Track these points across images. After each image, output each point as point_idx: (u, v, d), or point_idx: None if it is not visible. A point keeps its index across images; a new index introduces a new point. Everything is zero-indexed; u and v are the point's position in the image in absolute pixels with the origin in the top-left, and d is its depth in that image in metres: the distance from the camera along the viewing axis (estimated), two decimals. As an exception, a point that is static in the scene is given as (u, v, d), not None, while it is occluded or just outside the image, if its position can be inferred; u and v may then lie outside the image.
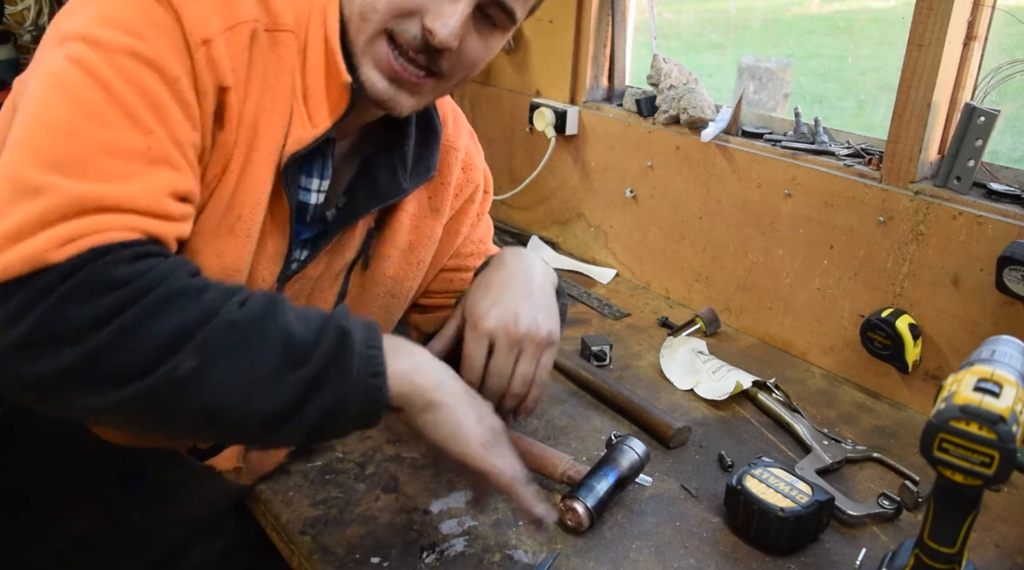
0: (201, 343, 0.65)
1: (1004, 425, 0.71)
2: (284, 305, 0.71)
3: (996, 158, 1.27)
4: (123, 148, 0.68)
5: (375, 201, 0.94)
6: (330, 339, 0.70)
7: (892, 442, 1.23)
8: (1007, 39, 1.25)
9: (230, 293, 0.69)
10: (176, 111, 0.72)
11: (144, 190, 0.68)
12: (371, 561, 0.92)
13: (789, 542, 0.97)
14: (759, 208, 1.49)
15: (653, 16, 1.72)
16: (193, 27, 0.73)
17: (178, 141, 0.73)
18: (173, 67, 0.72)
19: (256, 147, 0.81)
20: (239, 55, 0.77)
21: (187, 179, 0.73)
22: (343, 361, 0.70)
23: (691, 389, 1.33)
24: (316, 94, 0.84)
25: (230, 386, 0.66)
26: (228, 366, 0.66)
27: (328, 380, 0.69)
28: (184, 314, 0.65)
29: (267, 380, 0.67)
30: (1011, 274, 1.13)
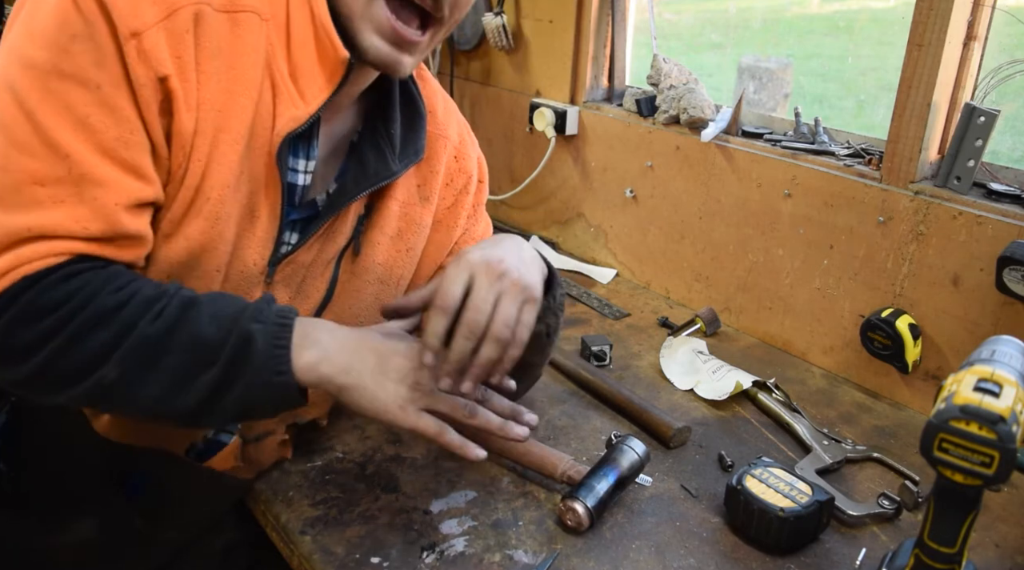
0: (120, 357, 0.74)
1: (1004, 425, 0.71)
2: (198, 310, 0.77)
3: (996, 158, 1.27)
4: (48, 175, 0.73)
5: (365, 184, 0.94)
6: (234, 343, 0.76)
7: (892, 442, 1.23)
8: (1007, 39, 1.25)
9: (148, 305, 0.76)
10: (104, 119, 0.74)
11: (70, 215, 0.74)
12: (371, 561, 0.92)
13: (789, 542, 0.97)
14: (759, 208, 1.49)
15: (653, 16, 1.72)
16: (122, 20, 0.73)
17: (111, 150, 0.75)
18: (94, 75, 0.73)
19: (223, 129, 0.82)
20: (180, 41, 0.77)
21: (120, 190, 0.76)
22: (246, 363, 0.77)
23: (691, 389, 1.33)
24: (307, 71, 0.84)
25: (149, 391, 0.76)
26: (144, 375, 0.75)
27: (235, 380, 0.77)
28: (105, 333, 0.73)
29: (179, 384, 0.76)
30: (1011, 274, 1.13)
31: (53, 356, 0.73)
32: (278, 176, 0.86)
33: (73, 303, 0.73)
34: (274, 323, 0.79)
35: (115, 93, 0.75)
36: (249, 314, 0.78)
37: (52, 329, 0.72)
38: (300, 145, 0.90)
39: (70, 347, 0.73)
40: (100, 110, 0.74)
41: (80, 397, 0.76)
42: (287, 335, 0.79)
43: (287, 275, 0.94)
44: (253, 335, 0.77)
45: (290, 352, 0.79)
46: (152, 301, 0.76)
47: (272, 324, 0.79)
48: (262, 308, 0.80)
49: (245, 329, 0.77)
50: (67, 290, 0.73)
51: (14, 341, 0.72)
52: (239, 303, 0.80)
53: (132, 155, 0.77)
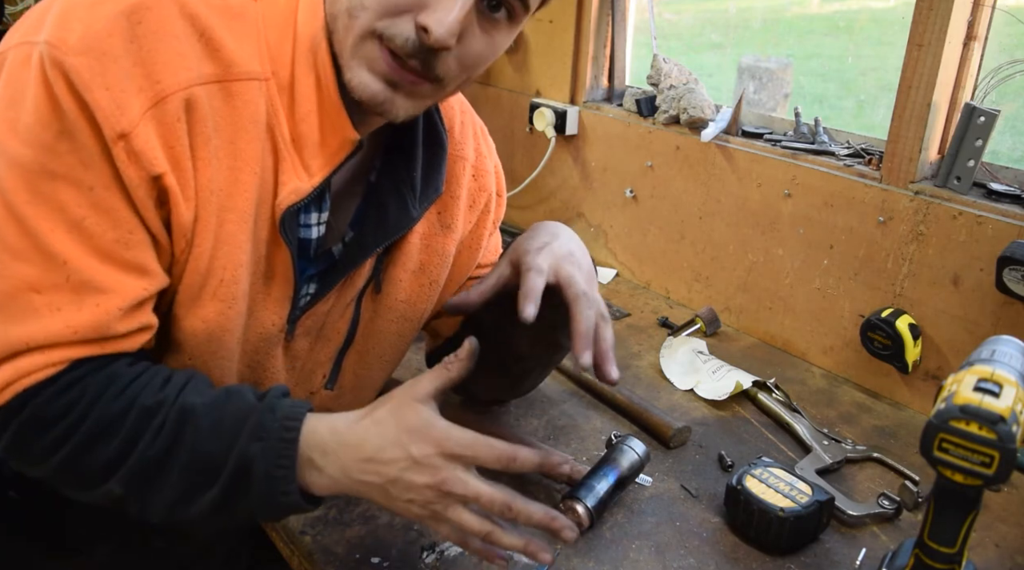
0: (124, 477, 0.73)
1: (1004, 425, 0.71)
2: (195, 421, 0.74)
3: (996, 158, 1.27)
4: (44, 283, 0.70)
5: (384, 236, 0.89)
6: (233, 466, 0.73)
7: (892, 442, 1.23)
8: (1007, 39, 1.25)
9: (147, 418, 0.73)
10: (100, 221, 0.70)
11: (69, 324, 0.71)
12: (371, 561, 0.92)
13: (789, 542, 0.97)
14: (759, 208, 1.49)
15: (653, 16, 1.73)
16: (107, 121, 0.68)
17: (110, 252, 0.71)
18: (85, 177, 0.69)
19: (228, 209, 0.77)
20: (171, 132, 0.71)
21: (123, 292, 0.73)
22: (246, 488, 0.74)
23: (691, 389, 1.33)
24: (311, 141, 0.79)
25: (154, 506, 0.75)
26: (149, 493, 0.74)
27: (238, 500, 0.75)
28: (107, 450, 0.72)
29: (183, 501, 0.75)
30: (1011, 274, 1.13)
31: (64, 465, 0.72)
32: (285, 243, 0.81)
33: (74, 414, 0.71)
34: (277, 439, 0.74)
35: (108, 194, 0.70)
36: (250, 430, 0.74)
37: (59, 439, 0.72)
38: (311, 204, 0.84)
39: (79, 458, 0.72)
40: (95, 212, 0.70)
41: (97, 499, 0.76)
42: (290, 453, 0.74)
43: (307, 327, 0.91)
44: (252, 459, 0.73)
45: (294, 472, 0.74)
46: (152, 412, 0.73)
47: (274, 440, 0.73)
48: (264, 420, 0.74)
49: (244, 452, 0.73)
50: (68, 400, 0.71)
51: (27, 450, 0.73)
52: (241, 410, 0.75)
53: (133, 255, 0.73)
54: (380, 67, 0.74)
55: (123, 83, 0.68)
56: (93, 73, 0.67)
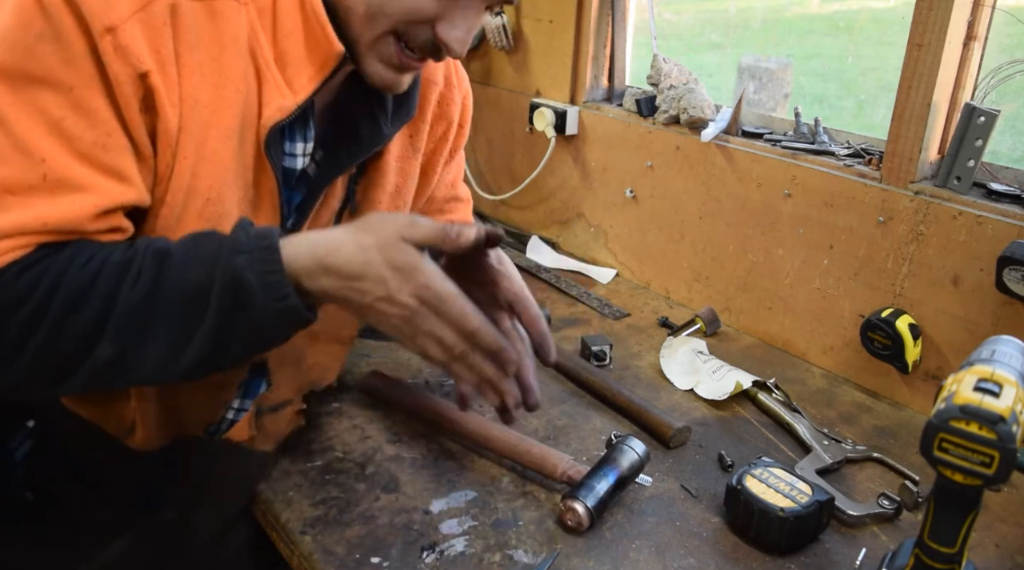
0: (112, 332, 0.70)
1: (1004, 425, 0.71)
2: (171, 259, 0.72)
3: (996, 158, 1.27)
4: (18, 183, 0.69)
5: (358, 153, 0.91)
6: (221, 282, 0.71)
7: (892, 442, 1.23)
8: (1007, 39, 1.25)
9: (123, 269, 0.71)
10: (79, 122, 0.71)
11: (39, 217, 0.70)
12: (371, 561, 0.92)
13: (789, 542, 0.97)
14: (759, 208, 1.49)
15: (653, 16, 1.72)
16: (93, 15, 0.69)
17: (88, 154, 0.71)
18: (66, 77, 0.70)
19: (212, 126, 0.78)
20: (158, 34, 0.73)
21: (100, 194, 0.72)
22: (241, 301, 0.72)
23: (691, 389, 1.33)
24: (295, 58, 0.80)
25: (149, 358, 0.72)
26: (140, 343, 0.71)
27: (235, 321, 0.72)
28: (87, 310, 0.70)
29: (179, 341, 0.72)
30: (1011, 274, 1.13)
31: (40, 348, 0.69)
32: (270, 165, 0.83)
33: (41, 289, 0.69)
34: (258, 248, 0.73)
35: (89, 94, 0.71)
36: (228, 247, 0.73)
37: (29, 321, 0.69)
38: (296, 128, 0.86)
39: (55, 334, 0.69)
40: (74, 113, 0.71)
41: (81, 383, 0.73)
42: (275, 258, 0.73)
43: None
44: (240, 271, 0.71)
45: (284, 277, 0.73)
46: (125, 265, 0.72)
47: (256, 251, 0.73)
48: (239, 237, 0.74)
49: (229, 265, 0.71)
50: (32, 276, 0.69)
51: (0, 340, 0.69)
52: (215, 238, 0.75)
53: (112, 158, 0.73)
54: (394, 61, 0.80)
55: None
56: None
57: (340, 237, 0.76)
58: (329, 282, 0.74)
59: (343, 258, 0.74)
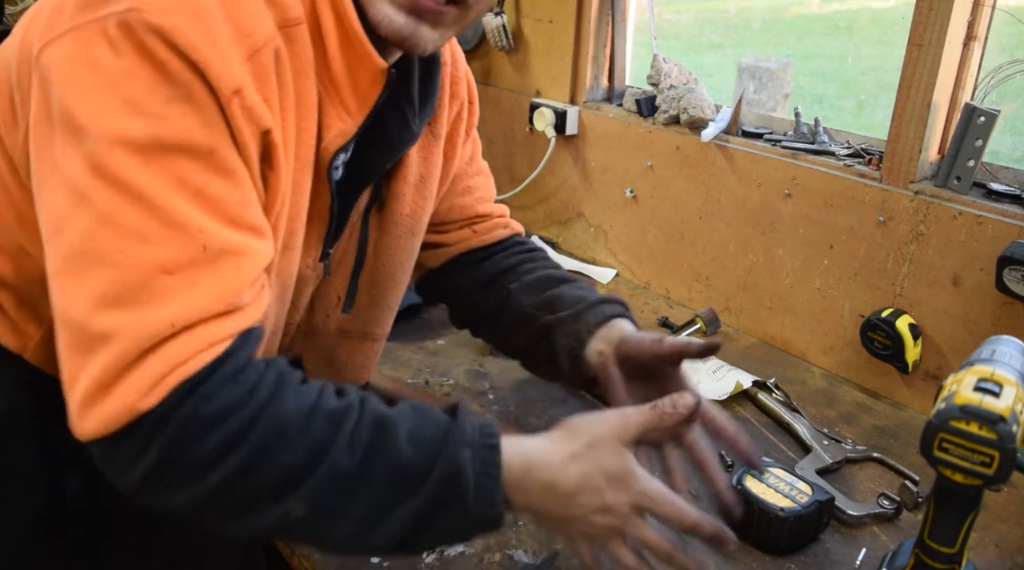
0: (310, 492, 0.64)
1: (1004, 425, 0.71)
2: (395, 431, 0.68)
3: (996, 158, 1.27)
4: (178, 260, 0.63)
5: (390, 154, 0.88)
6: (441, 473, 0.67)
7: (892, 442, 1.23)
8: (1007, 39, 1.25)
9: (337, 423, 0.66)
10: (222, 185, 0.66)
11: (212, 294, 0.64)
12: (371, 561, 0.92)
13: (789, 542, 0.97)
14: (759, 208, 1.49)
15: (653, 16, 1.72)
16: (221, 78, 0.64)
17: (235, 217, 0.67)
18: (205, 139, 0.65)
19: (298, 157, 0.76)
20: (266, 84, 0.69)
21: (254, 255, 0.68)
22: (454, 497, 0.67)
23: (691, 389, 1.33)
24: (346, 78, 0.77)
25: (339, 529, 0.67)
26: (336, 512, 0.66)
27: (440, 513, 0.67)
28: (291, 457, 0.64)
29: (375, 519, 0.67)
30: (1011, 274, 1.13)
31: (233, 473, 0.62)
32: (328, 185, 0.81)
33: (247, 410, 0.63)
34: (482, 446, 0.69)
35: (229, 154, 0.66)
36: (456, 437, 0.68)
37: (223, 446, 0.62)
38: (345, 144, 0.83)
39: (253, 464, 0.63)
40: (217, 175, 0.65)
41: (258, 528, 0.67)
42: (496, 461, 0.69)
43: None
44: (463, 466, 0.67)
45: (501, 483, 0.69)
46: (339, 418, 0.66)
47: (480, 448, 0.69)
48: (465, 428, 0.69)
49: (454, 458, 0.67)
50: (234, 394, 0.63)
51: (184, 459, 0.62)
52: (437, 418, 0.70)
53: (254, 215, 0.69)
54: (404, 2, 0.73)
55: (224, 38, 0.65)
56: (196, 31, 0.63)
57: (546, 446, 0.73)
58: (540, 498, 0.71)
59: (557, 473, 0.71)
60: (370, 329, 1.02)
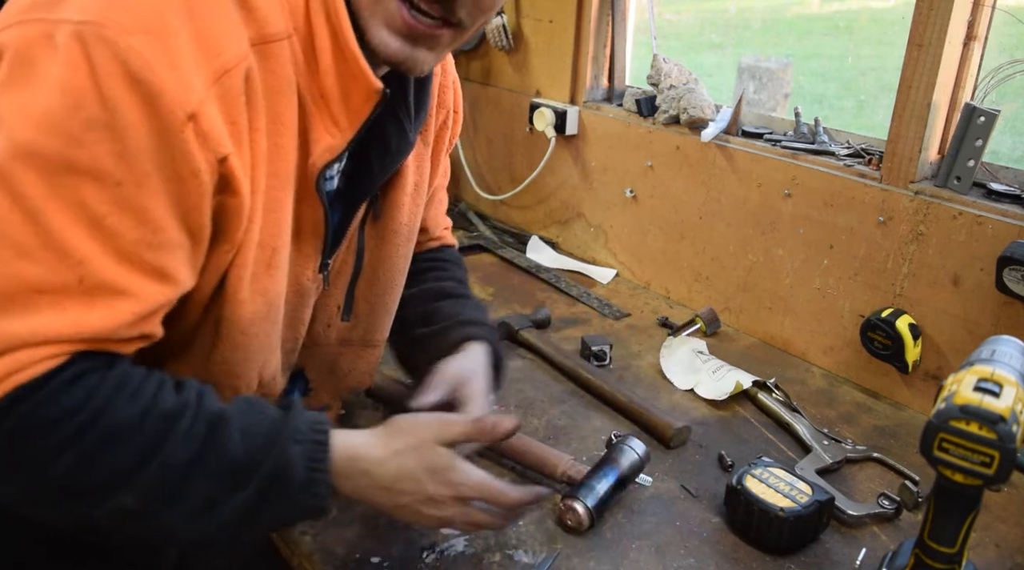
0: (141, 486, 0.67)
1: (1004, 425, 0.71)
2: (228, 427, 0.71)
3: (996, 158, 1.27)
4: (51, 283, 0.63)
5: (390, 163, 0.89)
6: (270, 468, 0.71)
7: (892, 442, 1.23)
8: (1007, 39, 1.25)
9: (171, 422, 0.68)
10: (123, 220, 0.64)
11: (75, 324, 0.64)
12: (371, 561, 0.92)
13: (789, 542, 0.97)
14: (759, 208, 1.49)
15: (653, 16, 1.73)
16: (175, 103, 0.62)
17: (131, 254, 0.65)
18: (114, 171, 0.62)
19: (272, 175, 0.75)
20: (234, 107, 0.67)
21: (140, 299, 0.66)
22: (281, 490, 0.72)
23: (691, 389, 1.33)
24: (337, 94, 0.76)
25: (171, 520, 0.69)
26: (167, 504, 0.68)
27: (267, 504, 0.72)
28: (124, 457, 0.66)
29: (205, 509, 0.70)
30: (1011, 274, 1.13)
31: (69, 472, 0.64)
32: (318, 199, 0.81)
33: (84, 414, 0.64)
34: (312, 442, 0.74)
35: (140, 192, 0.64)
36: (287, 432, 0.73)
37: (65, 442, 0.63)
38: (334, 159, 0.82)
39: (87, 463, 0.64)
40: (118, 209, 0.63)
41: (92, 520, 0.69)
42: (325, 456, 0.74)
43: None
44: (291, 460, 0.72)
45: (329, 476, 0.74)
46: (174, 417, 0.68)
47: (310, 443, 0.74)
48: (298, 424, 0.74)
49: (284, 452, 0.71)
50: (76, 398, 0.64)
51: (23, 455, 0.64)
52: (270, 415, 0.74)
53: (156, 257, 0.67)
54: (398, 23, 0.73)
55: (186, 60, 0.63)
56: (155, 53, 0.61)
57: (371, 441, 0.79)
58: (363, 483, 0.78)
59: (380, 466, 0.78)
60: (370, 336, 1.02)
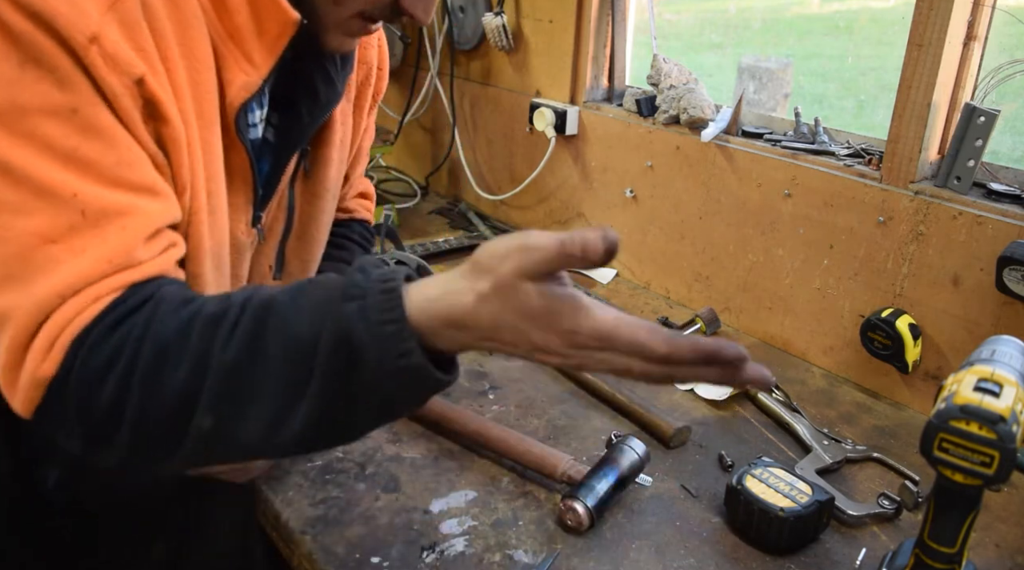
0: (208, 402, 0.61)
1: (1004, 425, 0.71)
2: (273, 311, 0.62)
3: (996, 158, 1.27)
4: (58, 228, 0.61)
5: (319, 112, 0.88)
6: (328, 337, 0.59)
7: (892, 442, 1.23)
8: (1007, 39, 1.25)
9: (215, 324, 0.62)
10: (93, 146, 0.63)
11: (99, 258, 0.62)
12: (371, 561, 0.92)
13: (789, 542, 0.97)
14: (759, 208, 1.49)
15: (653, 16, 1.72)
16: (73, 27, 0.61)
17: (115, 177, 0.64)
18: (64, 100, 0.62)
19: (199, 115, 0.73)
20: (138, 30, 0.65)
21: (143, 214, 0.65)
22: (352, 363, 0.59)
23: (691, 389, 1.33)
24: (249, 32, 0.74)
25: (251, 430, 0.62)
26: (241, 414, 0.61)
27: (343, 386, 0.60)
28: (177, 372, 0.61)
29: (282, 411, 0.61)
30: (1011, 274, 1.13)
31: (136, 411, 0.61)
32: (241, 143, 0.79)
33: (128, 348, 0.61)
34: (376, 292, 0.59)
35: (95, 111, 0.63)
36: (340, 292, 0.60)
37: (120, 382, 0.61)
38: (252, 98, 0.79)
39: (147, 395, 0.61)
40: (86, 137, 0.63)
41: (192, 457, 0.64)
42: (397, 304, 0.59)
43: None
44: (349, 320, 0.58)
45: (407, 325, 0.58)
46: (218, 319, 0.62)
47: (375, 294, 0.59)
48: (355, 280, 0.61)
49: (339, 314, 0.59)
50: (117, 341, 0.61)
51: (94, 414, 0.61)
52: (328, 283, 0.63)
53: (140, 174, 0.66)
54: (353, 30, 0.79)
55: None
56: None
57: (456, 286, 0.60)
58: (464, 336, 0.60)
59: (467, 313, 0.59)
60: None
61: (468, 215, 2.07)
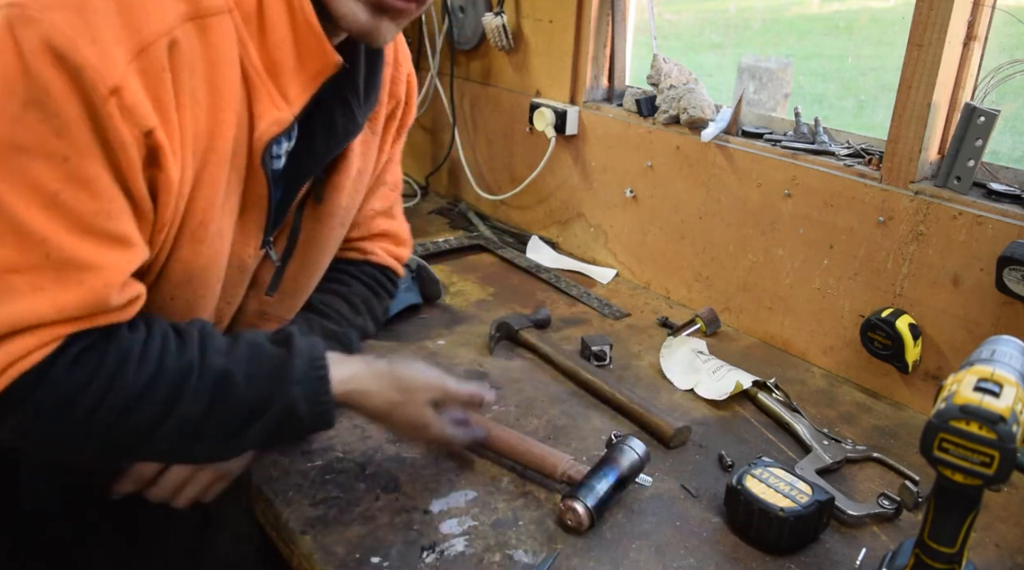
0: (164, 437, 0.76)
1: (1004, 425, 0.71)
2: (231, 380, 0.78)
3: (996, 158, 1.27)
4: (23, 263, 0.66)
5: (335, 145, 0.89)
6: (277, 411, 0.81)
7: (892, 442, 1.23)
8: (1007, 39, 1.25)
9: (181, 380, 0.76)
10: (77, 194, 0.66)
11: (55, 303, 0.67)
12: (371, 561, 0.92)
13: (789, 542, 0.97)
14: (759, 208, 1.49)
15: (653, 16, 1.72)
16: (98, 77, 0.63)
17: (90, 226, 0.68)
18: (58, 147, 0.64)
19: (210, 151, 0.75)
20: (158, 81, 0.68)
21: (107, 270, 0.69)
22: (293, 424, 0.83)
23: (691, 389, 1.33)
24: (287, 68, 0.76)
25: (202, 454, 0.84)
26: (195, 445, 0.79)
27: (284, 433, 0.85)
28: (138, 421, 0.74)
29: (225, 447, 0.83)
30: (1011, 274, 1.13)
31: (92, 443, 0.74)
32: (263, 175, 0.81)
33: (97, 384, 0.71)
34: (313, 378, 0.83)
35: (86, 163, 0.66)
36: (287, 376, 0.81)
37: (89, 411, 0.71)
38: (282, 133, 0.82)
39: (105, 434, 0.74)
40: (71, 184, 0.65)
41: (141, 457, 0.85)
42: (327, 388, 0.84)
43: None
44: (295, 401, 0.82)
45: (331, 406, 0.85)
46: (181, 379, 0.76)
47: (311, 380, 0.83)
48: (297, 365, 0.82)
49: (287, 396, 0.81)
50: (86, 372, 0.70)
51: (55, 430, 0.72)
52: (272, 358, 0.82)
53: (115, 226, 0.69)
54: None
55: (106, 35, 0.64)
56: (76, 28, 0.63)
57: (375, 386, 0.91)
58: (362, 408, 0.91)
59: (372, 406, 0.91)
60: (286, 315, 1.04)
61: (468, 215, 2.07)
